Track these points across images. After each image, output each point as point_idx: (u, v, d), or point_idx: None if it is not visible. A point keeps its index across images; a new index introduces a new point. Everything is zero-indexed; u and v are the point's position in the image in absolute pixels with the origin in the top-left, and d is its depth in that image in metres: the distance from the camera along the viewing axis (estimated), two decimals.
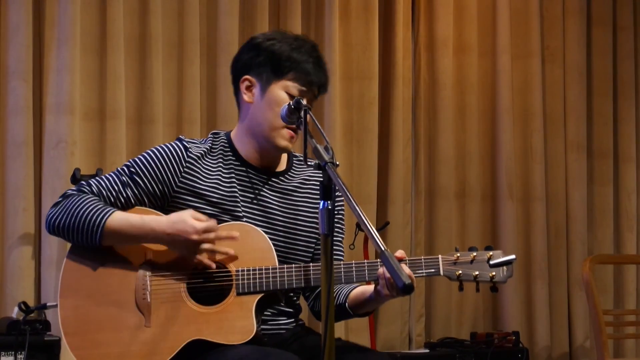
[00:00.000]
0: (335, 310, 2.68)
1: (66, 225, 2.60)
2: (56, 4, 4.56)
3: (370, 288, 2.64)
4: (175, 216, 2.57)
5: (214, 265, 2.58)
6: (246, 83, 2.73)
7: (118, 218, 2.58)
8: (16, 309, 3.93)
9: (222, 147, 2.74)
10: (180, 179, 2.66)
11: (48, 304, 3.99)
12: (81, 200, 2.60)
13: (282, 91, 2.67)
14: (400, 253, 2.56)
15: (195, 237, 2.54)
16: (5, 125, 4.50)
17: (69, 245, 2.68)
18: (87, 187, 2.65)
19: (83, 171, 4.29)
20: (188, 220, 2.55)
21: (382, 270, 2.52)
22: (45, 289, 4.45)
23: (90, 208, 2.58)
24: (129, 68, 4.74)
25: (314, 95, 2.73)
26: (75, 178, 4.18)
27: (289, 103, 2.58)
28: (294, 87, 2.68)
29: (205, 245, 2.56)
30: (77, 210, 2.59)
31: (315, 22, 5.29)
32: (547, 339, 5.63)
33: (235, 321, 2.54)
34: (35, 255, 4.50)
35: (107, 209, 2.58)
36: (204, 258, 2.57)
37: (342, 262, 2.63)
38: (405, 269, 2.50)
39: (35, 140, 4.55)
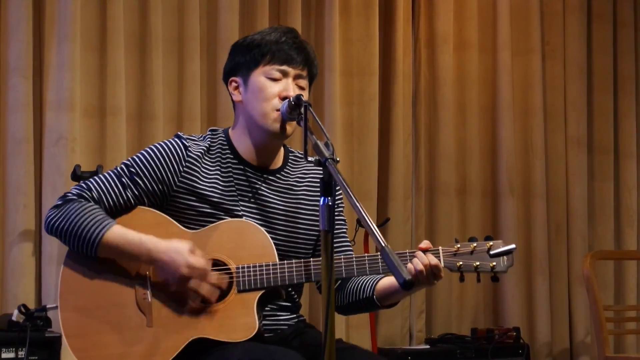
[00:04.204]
0: (361, 303, 2.73)
1: (64, 231, 2.58)
2: (56, 1, 4.55)
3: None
4: (175, 244, 2.55)
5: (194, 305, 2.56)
6: (233, 84, 2.74)
7: (116, 234, 2.56)
8: (16, 311, 3.92)
9: (220, 145, 2.72)
10: (180, 178, 2.65)
11: (48, 306, 3.97)
12: (82, 209, 2.58)
13: (262, 76, 2.67)
14: (425, 244, 2.62)
15: (184, 270, 2.52)
16: (6, 122, 4.50)
17: None
18: (88, 192, 2.62)
19: (83, 168, 4.28)
20: (185, 252, 2.53)
21: (411, 266, 2.54)
22: (46, 286, 4.45)
23: (89, 219, 2.56)
24: (129, 65, 4.73)
25: (302, 76, 2.70)
26: (76, 174, 4.17)
27: (289, 99, 2.58)
28: (272, 69, 2.67)
29: (192, 284, 2.53)
30: (76, 219, 2.56)
31: (316, 18, 5.28)
32: (548, 334, 5.63)
33: (237, 318, 2.53)
34: (35, 252, 4.49)
35: (106, 223, 2.56)
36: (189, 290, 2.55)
37: (342, 256, 2.62)
38: (432, 259, 2.57)
39: (35, 136, 4.54)
